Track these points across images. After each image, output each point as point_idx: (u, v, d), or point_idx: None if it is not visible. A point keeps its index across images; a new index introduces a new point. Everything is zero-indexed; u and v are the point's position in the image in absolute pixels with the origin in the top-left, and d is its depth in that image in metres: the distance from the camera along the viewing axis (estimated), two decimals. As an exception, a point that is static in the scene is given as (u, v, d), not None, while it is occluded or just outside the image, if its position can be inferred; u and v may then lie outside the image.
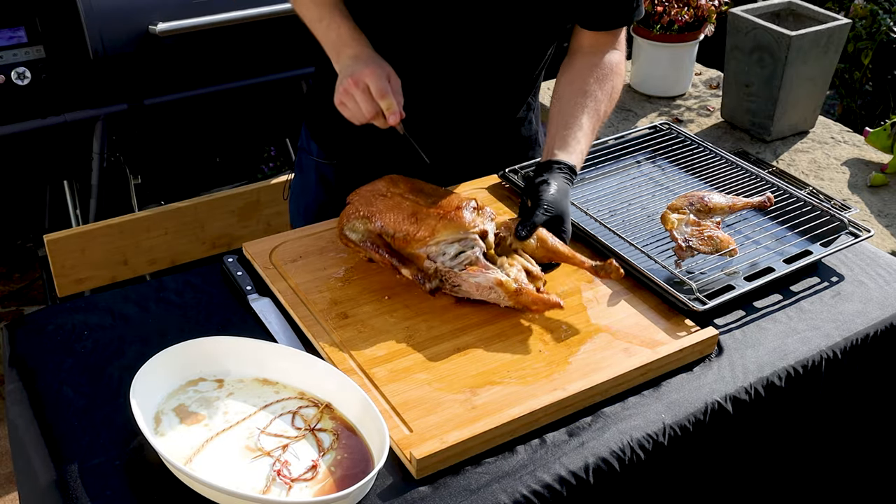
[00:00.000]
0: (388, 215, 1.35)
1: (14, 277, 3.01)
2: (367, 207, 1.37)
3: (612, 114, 2.75)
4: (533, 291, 1.28)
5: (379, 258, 1.35)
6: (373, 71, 1.36)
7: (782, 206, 1.55)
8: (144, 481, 1.07)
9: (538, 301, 1.29)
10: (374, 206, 1.36)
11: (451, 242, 1.31)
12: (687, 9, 2.67)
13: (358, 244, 1.37)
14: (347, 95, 1.38)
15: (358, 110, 1.38)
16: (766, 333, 1.33)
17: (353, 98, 1.37)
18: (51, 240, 1.86)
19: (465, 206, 1.34)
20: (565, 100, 1.51)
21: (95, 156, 2.26)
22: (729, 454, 1.27)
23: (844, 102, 3.45)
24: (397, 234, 1.34)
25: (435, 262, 1.31)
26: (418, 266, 1.33)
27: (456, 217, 1.32)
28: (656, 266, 1.38)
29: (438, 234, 1.31)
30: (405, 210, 1.35)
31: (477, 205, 1.36)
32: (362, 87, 1.36)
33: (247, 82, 2.38)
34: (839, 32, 2.47)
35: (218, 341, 1.20)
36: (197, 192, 2.34)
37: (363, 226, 1.36)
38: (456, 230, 1.31)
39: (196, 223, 2.09)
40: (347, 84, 1.37)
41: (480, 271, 1.29)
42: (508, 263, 1.31)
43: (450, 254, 1.31)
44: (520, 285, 1.28)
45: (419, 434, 1.11)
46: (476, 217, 1.34)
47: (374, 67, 1.37)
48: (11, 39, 2.10)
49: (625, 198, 1.57)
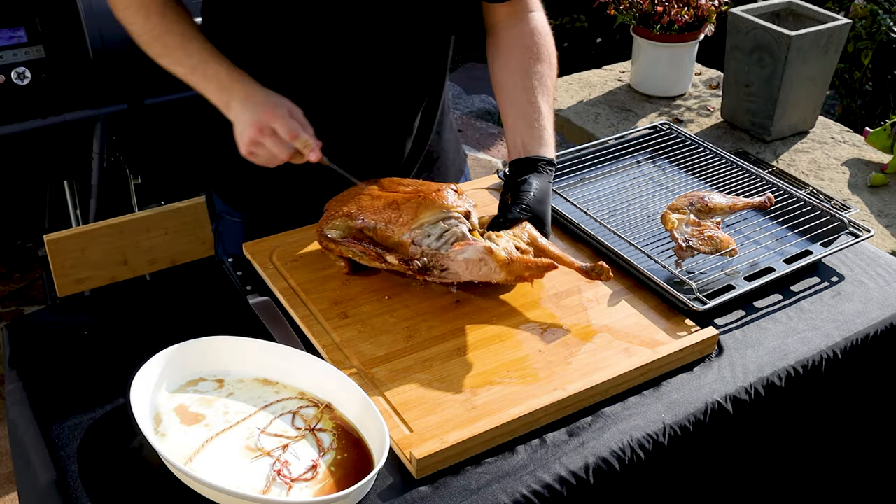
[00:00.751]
0: (369, 208, 1.33)
1: (14, 277, 3.01)
2: (346, 206, 1.35)
3: (612, 114, 2.75)
4: (524, 258, 1.26)
5: (361, 249, 1.32)
6: (274, 112, 1.29)
7: (782, 206, 1.55)
8: (144, 481, 1.07)
9: (532, 266, 1.26)
10: (354, 204, 1.35)
11: (435, 223, 1.29)
12: (687, 9, 2.67)
13: (339, 241, 1.34)
14: (256, 144, 1.30)
15: (271, 156, 1.31)
16: (766, 333, 1.33)
17: (262, 146, 1.30)
18: (51, 240, 1.85)
19: (445, 189, 1.32)
20: (510, 86, 1.43)
21: (95, 156, 2.26)
22: (729, 454, 1.27)
23: (844, 102, 3.45)
24: (379, 225, 1.31)
25: (420, 247, 1.29)
26: (403, 253, 1.31)
27: (438, 197, 1.30)
28: (656, 266, 1.38)
29: (421, 215, 1.29)
30: (385, 200, 1.33)
31: (457, 189, 1.34)
32: (268, 132, 1.29)
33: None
34: (839, 32, 2.47)
35: (218, 341, 1.20)
36: (197, 192, 2.34)
37: (344, 223, 1.34)
38: (438, 210, 1.29)
39: (196, 223, 2.09)
40: (252, 133, 1.29)
41: (468, 244, 1.27)
42: (496, 236, 1.30)
43: (434, 235, 1.28)
44: (510, 254, 1.26)
45: (419, 434, 1.11)
46: (457, 198, 1.32)
47: (273, 108, 1.29)
48: (11, 39, 2.10)
49: (625, 198, 1.57)
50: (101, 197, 2.31)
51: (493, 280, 1.29)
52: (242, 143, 1.32)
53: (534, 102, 1.41)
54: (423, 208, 1.29)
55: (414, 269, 1.29)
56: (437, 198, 1.30)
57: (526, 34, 1.46)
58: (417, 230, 1.29)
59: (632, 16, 2.77)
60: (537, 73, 1.43)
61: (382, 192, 1.36)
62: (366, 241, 1.32)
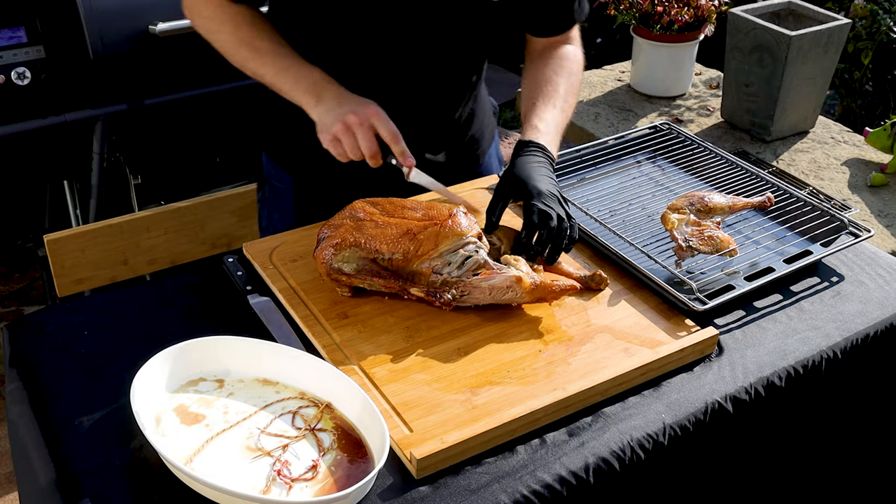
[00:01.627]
0: (381, 238, 1.31)
1: (14, 277, 3.01)
2: (353, 235, 1.31)
3: (612, 114, 2.75)
4: (549, 283, 1.29)
5: (383, 283, 1.30)
6: (377, 112, 1.37)
7: (782, 206, 1.55)
8: (144, 481, 1.07)
9: (556, 290, 1.29)
10: (362, 233, 1.31)
11: (455, 251, 1.30)
12: (687, 9, 2.67)
13: (353, 275, 1.31)
14: (347, 132, 1.36)
15: (355, 148, 1.37)
16: (766, 333, 1.33)
17: (352, 135, 1.36)
18: (51, 240, 1.85)
19: (457, 213, 1.32)
20: (525, 95, 1.56)
21: (95, 156, 2.26)
22: (729, 454, 1.27)
23: (844, 102, 3.45)
24: (395, 256, 1.30)
25: (441, 275, 1.29)
26: (424, 283, 1.30)
27: (455, 224, 1.30)
28: (656, 266, 1.38)
29: (441, 244, 1.29)
30: (397, 229, 1.31)
31: (465, 212, 1.34)
32: (367, 126, 1.35)
33: (247, 82, 2.37)
34: (839, 32, 2.47)
35: (218, 341, 1.20)
36: (197, 192, 2.34)
37: (355, 254, 1.31)
38: (457, 238, 1.30)
39: (196, 223, 2.09)
40: (351, 120, 1.35)
41: (495, 273, 1.28)
42: (514, 260, 1.31)
43: (455, 263, 1.29)
44: (534, 280, 1.28)
45: (419, 434, 1.11)
46: (470, 222, 1.33)
47: (374, 108, 1.37)
48: (11, 39, 2.10)
49: (625, 198, 1.57)
50: (101, 197, 2.31)
51: (514, 303, 1.30)
52: (332, 127, 1.37)
53: (538, 104, 1.51)
54: (441, 238, 1.29)
55: (443, 302, 1.29)
56: (455, 224, 1.30)
57: (556, 56, 1.59)
58: (437, 260, 1.30)
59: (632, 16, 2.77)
60: (552, 82, 1.54)
61: (388, 218, 1.33)
62: (384, 274, 1.31)
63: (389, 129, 1.37)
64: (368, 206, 1.36)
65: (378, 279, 1.30)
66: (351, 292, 1.34)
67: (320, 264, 1.32)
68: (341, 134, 1.36)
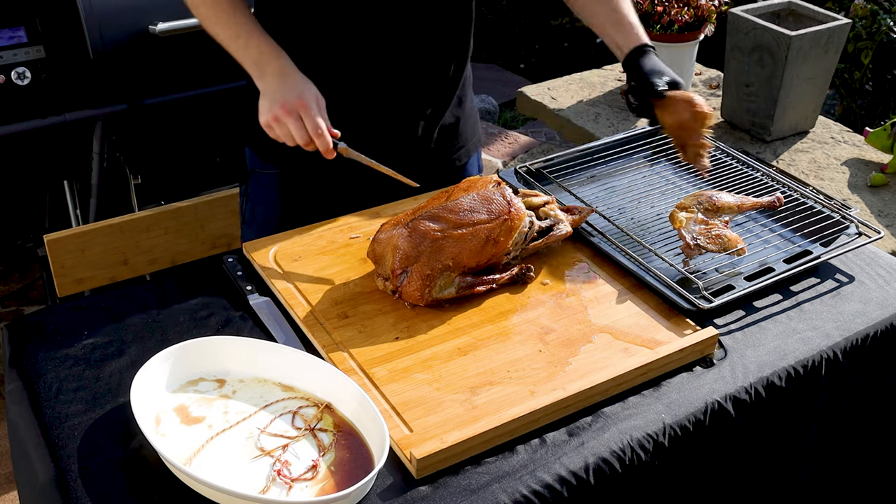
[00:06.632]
0: (465, 253, 1.33)
1: (14, 277, 3.01)
2: (438, 261, 1.31)
3: (612, 114, 2.75)
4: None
5: (484, 288, 1.35)
6: (305, 102, 1.38)
7: (786, 206, 1.54)
8: (144, 481, 1.07)
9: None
10: (444, 253, 1.32)
11: (524, 233, 1.39)
12: (687, 9, 2.67)
13: (457, 294, 1.34)
14: (279, 122, 1.40)
15: (289, 136, 1.40)
16: (767, 333, 1.33)
17: (284, 125, 1.39)
18: (51, 240, 1.85)
19: (511, 199, 1.38)
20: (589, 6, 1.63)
21: (95, 156, 2.26)
22: (729, 454, 1.27)
23: (844, 102, 3.45)
24: (481, 262, 1.36)
25: (509, 255, 1.39)
26: (499, 268, 1.39)
27: (517, 211, 1.37)
28: (664, 264, 1.39)
29: (514, 234, 1.37)
30: (475, 239, 1.33)
31: (500, 181, 1.41)
32: (295, 116, 1.38)
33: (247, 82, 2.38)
34: (839, 32, 2.47)
35: (218, 341, 1.20)
36: (197, 192, 2.34)
37: (450, 278, 1.33)
38: (521, 222, 1.38)
39: (196, 223, 2.08)
40: (279, 112, 1.38)
41: (548, 238, 1.43)
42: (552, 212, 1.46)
43: (520, 241, 1.39)
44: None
45: (419, 434, 1.11)
46: (519, 199, 1.40)
47: (305, 93, 1.39)
48: (11, 39, 2.10)
49: (633, 196, 1.58)
50: (101, 197, 2.31)
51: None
52: (265, 114, 1.41)
53: (621, 16, 1.61)
54: (514, 229, 1.37)
55: (529, 279, 1.39)
56: (517, 212, 1.37)
57: None
58: (511, 246, 1.39)
59: (632, 16, 2.77)
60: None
61: (459, 231, 1.33)
62: (477, 281, 1.36)
63: (313, 123, 1.38)
64: (428, 221, 1.33)
65: (479, 287, 1.35)
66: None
67: (416, 299, 1.32)
68: (273, 123, 1.40)
